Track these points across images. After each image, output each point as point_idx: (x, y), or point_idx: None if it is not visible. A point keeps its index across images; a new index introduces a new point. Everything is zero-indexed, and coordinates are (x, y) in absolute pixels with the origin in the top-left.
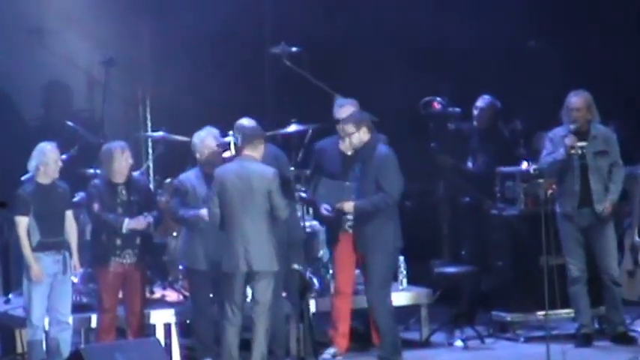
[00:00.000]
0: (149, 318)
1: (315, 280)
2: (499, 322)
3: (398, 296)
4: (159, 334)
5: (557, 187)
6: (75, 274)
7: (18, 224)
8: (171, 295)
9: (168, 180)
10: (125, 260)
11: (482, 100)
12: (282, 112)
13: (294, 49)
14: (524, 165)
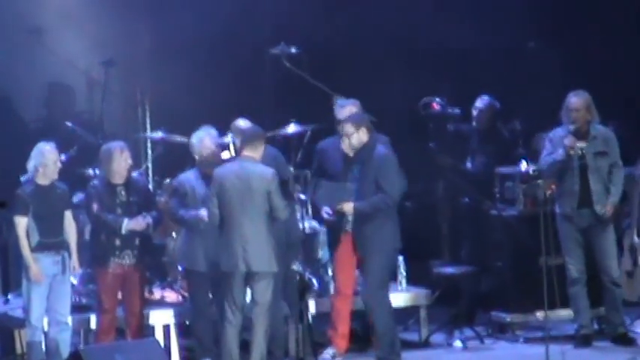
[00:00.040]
0: (148, 319)
1: (315, 281)
2: (498, 322)
3: (397, 297)
4: (158, 334)
5: (556, 188)
6: (74, 274)
7: (17, 225)
8: (171, 296)
9: (167, 180)
10: (124, 261)
11: (481, 101)
12: (282, 113)
13: (293, 49)
14: (523, 165)
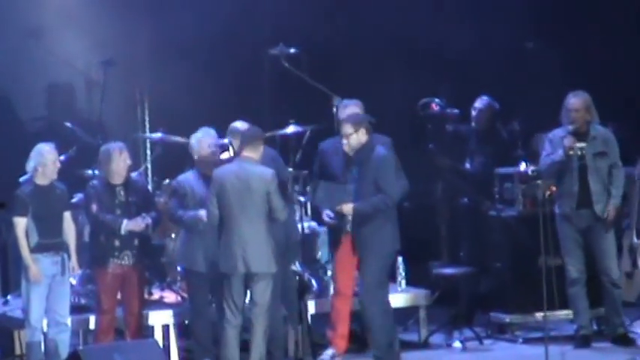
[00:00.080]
0: (147, 319)
1: (314, 282)
2: (497, 323)
3: (396, 297)
4: (157, 335)
5: (556, 189)
6: (73, 275)
7: (16, 225)
8: (170, 297)
9: (166, 181)
10: (123, 261)
11: (480, 102)
12: (280, 114)
13: (292, 50)
14: (522, 166)
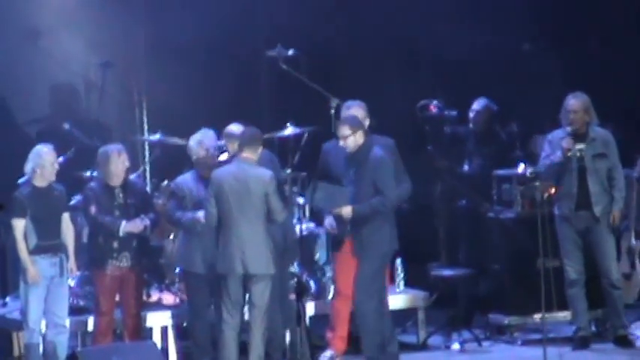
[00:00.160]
0: (146, 321)
1: (312, 283)
2: (496, 324)
3: (395, 299)
4: (156, 336)
5: (556, 190)
6: (72, 276)
7: (15, 227)
8: (168, 298)
9: (164, 183)
10: (122, 263)
11: (477, 103)
12: (279, 115)
13: (290, 52)
14: (520, 168)
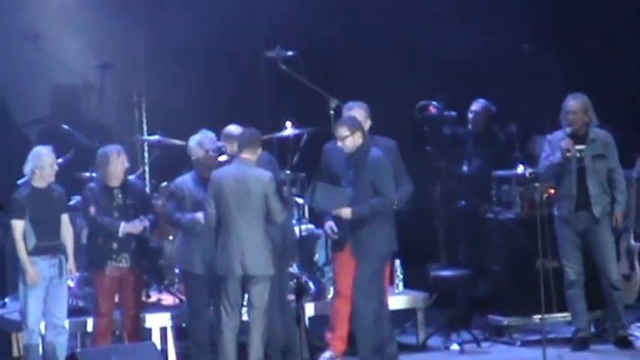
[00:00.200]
0: (145, 322)
1: (311, 284)
2: (495, 325)
3: (394, 300)
4: (155, 337)
5: (555, 191)
6: (71, 277)
7: (14, 228)
8: (168, 299)
9: (164, 183)
10: (121, 264)
11: (477, 104)
12: (278, 116)
13: (289, 52)
14: (519, 168)
